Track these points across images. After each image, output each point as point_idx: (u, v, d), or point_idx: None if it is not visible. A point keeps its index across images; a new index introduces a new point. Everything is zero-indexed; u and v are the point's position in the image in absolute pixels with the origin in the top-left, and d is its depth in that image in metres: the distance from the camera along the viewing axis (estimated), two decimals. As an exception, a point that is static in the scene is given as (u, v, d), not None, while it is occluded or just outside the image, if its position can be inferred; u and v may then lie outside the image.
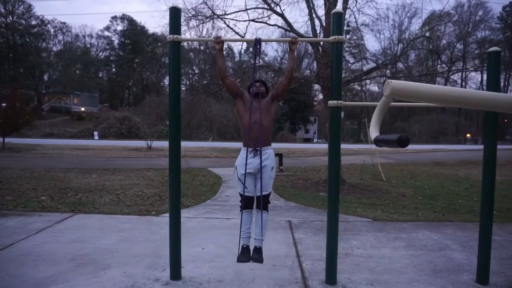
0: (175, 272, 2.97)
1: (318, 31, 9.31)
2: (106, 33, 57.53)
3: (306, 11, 9.36)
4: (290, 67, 2.97)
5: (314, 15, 9.27)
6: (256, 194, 2.86)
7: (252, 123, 2.80)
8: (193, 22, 10.02)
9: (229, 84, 2.99)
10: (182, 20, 6.50)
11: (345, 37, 9.26)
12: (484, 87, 3.52)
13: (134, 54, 57.43)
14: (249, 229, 2.87)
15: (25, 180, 8.17)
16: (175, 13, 2.91)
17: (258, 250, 2.79)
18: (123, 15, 56.87)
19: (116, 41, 58.28)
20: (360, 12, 9.60)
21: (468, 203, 6.81)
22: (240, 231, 2.83)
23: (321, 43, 8.79)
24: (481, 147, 3.14)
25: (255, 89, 2.92)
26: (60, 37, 53.62)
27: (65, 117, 45.85)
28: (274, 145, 3.05)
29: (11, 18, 46.85)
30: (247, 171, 2.79)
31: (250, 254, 2.77)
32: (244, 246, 2.80)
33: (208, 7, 9.65)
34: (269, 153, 2.87)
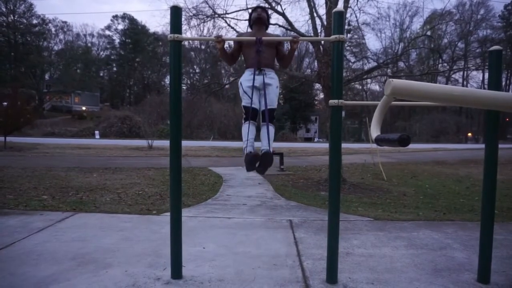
0: (176, 271, 2.98)
1: (319, 30, 9.29)
2: (107, 32, 57.69)
3: (307, 10, 9.36)
4: (287, 61, 3.13)
5: (315, 14, 9.26)
6: (261, 108, 2.92)
7: (257, 48, 2.88)
8: (194, 21, 10.02)
9: (236, 58, 3.18)
10: (183, 19, 6.49)
11: (346, 36, 9.25)
12: (486, 86, 3.52)
13: (135, 53, 57.50)
14: (253, 139, 2.92)
15: (26, 179, 8.19)
16: (176, 12, 2.91)
17: (269, 152, 2.81)
18: (124, 14, 57.06)
19: (117, 40, 58.44)
20: (361, 11, 9.58)
21: (469, 202, 6.80)
22: (246, 141, 2.86)
23: (322, 42, 8.78)
24: (482, 146, 3.14)
25: (257, 15, 3.09)
26: (61, 36, 53.77)
27: (66, 116, 45.94)
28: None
29: (12, 17, 46.92)
30: (251, 84, 2.88)
31: (256, 158, 2.78)
32: (248, 152, 2.83)
33: (209, 6, 9.66)
34: (273, 74, 3.00)
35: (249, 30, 3.38)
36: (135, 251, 3.59)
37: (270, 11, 9.42)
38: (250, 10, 3.33)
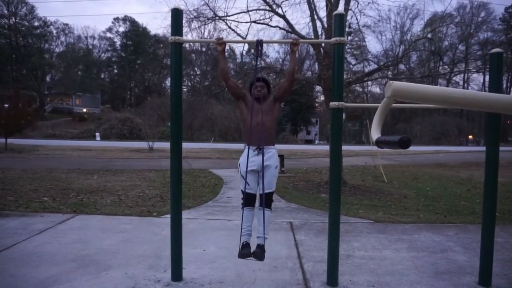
0: (176, 273, 2.97)
1: (319, 33, 9.31)
2: (108, 34, 57.77)
3: (308, 12, 9.38)
4: (291, 68, 2.97)
5: (315, 17, 9.28)
6: (259, 192, 2.84)
7: (254, 124, 2.78)
8: (194, 24, 10.03)
9: (231, 85, 3.00)
10: (183, 21, 6.50)
11: (347, 38, 9.26)
12: (486, 89, 3.51)
13: (136, 55, 57.60)
14: (250, 226, 2.86)
15: (27, 181, 8.19)
16: (176, 14, 2.92)
17: (261, 248, 2.78)
18: (125, 16, 57.14)
19: (118, 43, 58.51)
20: (362, 14, 9.60)
21: (470, 204, 6.78)
22: (241, 229, 2.82)
23: (323, 44, 8.79)
24: (483, 148, 3.13)
25: (257, 92, 2.91)
26: (63, 38, 53.94)
27: (67, 118, 46.00)
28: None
29: (14, 19, 47.06)
30: (250, 168, 2.78)
31: (250, 250, 2.75)
32: (245, 243, 2.79)
33: (210, 9, 9.67)
34: (272, 152, 2.86)
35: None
36: (135, 253, 3.59)
37: (271, 14, 9.45)
38: (251, 82, 3.06)
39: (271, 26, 9.64)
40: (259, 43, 2.95)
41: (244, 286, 2.91)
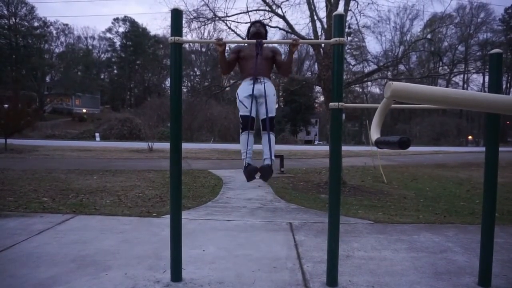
0: (176, 274, 2.97)
1: (319, 33, 9.31)
2: (108, 35, 57.90)
3: (308, 13, 9.38)
4: (287, 66, 3.12)
5: (315, 17, 9.28)
6: (260, 117, 3.05)
7: (253, 60, 2.98)
8: (194, 24, 10.04)
9: (232, 68, 3.23)
10: (183, 22, 6.50)
11: (346, 39, 9.27)
12: (486, 89, 3.52)
13: (135, 55, 57.70)
14: (251, 150, 3.03)
15: (27, 181, 8.19)
16: (176, 15, 2.92)
17: (269, 166, 2.94)
18: (125, 17, 57.31)
19: (118, 43, 58.64)
20: (362, 14, 9.61)
21: (469, 205, 6.79)
22: (246, 151, 2.98)
23: (322, 45, 8.80)
24: (483, 149, 3.14)
25: (256, 29, 3.15)
26: (62, 39, 54.06)
27: (66, 119, 46.03)
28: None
29: (13, 20, 47.09)
30: (249, 93, 2.97)
31: (255, 171, 2.91)
32: (247, 164, 2.97)
33: (210, 9, 9.68)
34: (270, 84, 3.10)
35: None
36: (135, 254, 3.59)
37: (270, 14, 9.45)
38: (249, 24, 3.40)
39: (271, 27, 9.63)
40: (258, 44, 2.96)
41: (243, 286, 2.91)
